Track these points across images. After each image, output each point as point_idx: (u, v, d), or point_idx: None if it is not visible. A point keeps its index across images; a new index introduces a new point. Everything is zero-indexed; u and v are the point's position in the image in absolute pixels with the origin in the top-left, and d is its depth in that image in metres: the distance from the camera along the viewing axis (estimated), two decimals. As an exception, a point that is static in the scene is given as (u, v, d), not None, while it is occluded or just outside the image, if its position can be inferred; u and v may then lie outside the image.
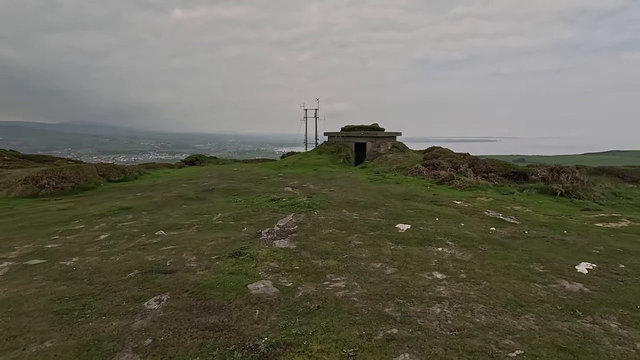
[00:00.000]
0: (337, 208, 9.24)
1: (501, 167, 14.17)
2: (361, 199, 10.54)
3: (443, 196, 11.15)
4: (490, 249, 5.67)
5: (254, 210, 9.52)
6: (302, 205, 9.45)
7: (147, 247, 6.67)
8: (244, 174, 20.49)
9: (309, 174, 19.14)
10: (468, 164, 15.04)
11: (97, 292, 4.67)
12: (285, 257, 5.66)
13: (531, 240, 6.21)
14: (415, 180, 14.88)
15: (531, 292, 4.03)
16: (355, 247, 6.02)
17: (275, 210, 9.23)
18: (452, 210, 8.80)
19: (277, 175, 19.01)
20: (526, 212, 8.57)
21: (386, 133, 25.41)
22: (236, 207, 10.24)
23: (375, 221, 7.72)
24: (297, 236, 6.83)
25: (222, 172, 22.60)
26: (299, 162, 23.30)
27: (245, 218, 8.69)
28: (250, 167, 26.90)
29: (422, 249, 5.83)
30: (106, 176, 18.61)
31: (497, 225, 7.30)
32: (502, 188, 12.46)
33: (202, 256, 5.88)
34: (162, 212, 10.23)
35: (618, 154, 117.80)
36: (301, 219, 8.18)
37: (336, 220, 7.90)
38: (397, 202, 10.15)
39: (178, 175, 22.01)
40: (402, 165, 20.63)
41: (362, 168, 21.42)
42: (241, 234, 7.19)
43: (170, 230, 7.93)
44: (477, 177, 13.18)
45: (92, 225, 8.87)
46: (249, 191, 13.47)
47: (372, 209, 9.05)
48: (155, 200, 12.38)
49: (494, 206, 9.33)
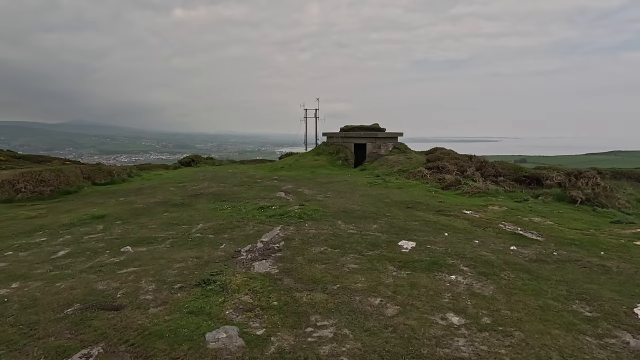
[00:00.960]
0: (332, 219, 8.19)
1: (511, 170, 13.09)
2: (359, 208, 9.49)
3: (450, 204, 10.08)
4: (516, 278, 4.60)
5: (238, 221, 8.48)
6: (293, 216, 8.40)
7: (104, 268, 5.64)
8: (237, 177, 19.46)
9: (305, 177, 18.09)
10: (475, 167, 13.96)
11: (16, 339, 3.63)
12: (263, 286, 4.61)
13: (563, 265, 5.13)
14: (419, 184, 13.80)
15: (584, 352, 2.97)
16: (349, 273, 4.96)
17: (262, 222, 8.18)
18: (462, 223, 7.74)
19: (271, 178, 17.97)
20: (548, 225, 7.50)
21: (387, 133, 24.33)
22: (220, 216, 9.21)
23: (374, 237, 6.66)
24: (282, 256, 5.78)
25: (215, 174, 21.56)
26: (296, 163, 22.25)
27: (227, 230, 7.65)
28: (246, 168, 25.85)
29: (431, 276, 4.77)
30: (91, 179, 17.59)
31: (517, 243, 6.22)
32: (514, 194, 11.38)
33: (164, 284, 4.84)
34: (139, 221, 9.20)
35: (620, 154, 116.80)
36: (289, 232, 7.13)
37: (329, 235, 6.85)
38: (399, 211, 9.09)
39: (170, 178, 20.98)
40: (404, 167, 19.56)
41: (362, 170, 20.36)
42: (217, 252, 6.15)
43: (140, 245, 6.90)
44: (486, 182, 12.11)
45: (55, 238, 7.84)
46: (238, 197, 12.43)
47: (371, 221, 7.99)
48: (135, 206, 11.35)
49: (509, 217, 8.26)
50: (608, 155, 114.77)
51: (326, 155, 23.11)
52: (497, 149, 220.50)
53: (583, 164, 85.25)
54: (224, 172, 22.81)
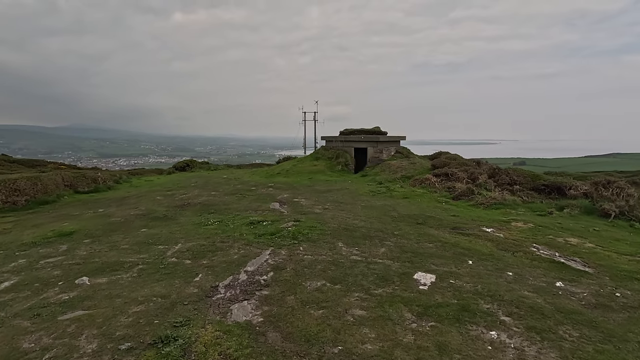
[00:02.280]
0: (331, 239, 7.00)
1: (528, 178, 11.91)
2: (362, 224, 8.30)
3: (466, 218, 8.89)
4: (582, 339, 3.40)
5: (223, 240, 7.30)
6: (286, 235, 7.20)
7: (45, 311, 4.46)
8: (231, 183, 18.28)
9: (303, 184, 16.91)
10: (488, 175, 12.78)
11: None
12: (240, 348, 3.43)
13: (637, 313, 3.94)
14: (427, 194, 12.62)
15: None
16: (354, 325, 3.78)
17: (250, 242, 6.99)
18: (486, 245, 6.55)
19: (266, 185, 16.79)
20: (590, 249, 6.30)
21: (389, 137, 23.11)
22: (204, 233, 8.03)
23: (383, 266, 5.47)
24: (269, 295, 4.60)
25: (208, 181, 20.40)
26: (293, 169, 21.06)
27: (207, 254, 6.47)
28: (241, 174, 24.69)
29: (463, 332, 3.59)
30: (73, 187, 16.40)
31: (562, 276, 5.04)
32: (534, 205, 10.20)
33: (109, 342, 3.66)
34: (111, 239, 8.02)
35: (619, 156, 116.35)
36: (280, 259, 5.95)
37: (328, 262, 5.66)
38: (409, 228, 7.90)
39: (160, 184, 19.79)
40: (408, 173, 18.39)
41: (363, 176, 19.18)
42: (190, 287, 4.96)
43: (101, 274, 5.72)
44: (502, 191, 10.93)
45: (7, 263, 6.65)
46: (228, 208, 11.26)
47: (377, 242, 6.81)
48: (112, 220, 10.17)
49: (540, 237, 7.06)
50: (607, 158, 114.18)
51: (325, 160, 21.93)
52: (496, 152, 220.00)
53: (583, 166, 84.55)
54: (217, 178, 21.64)
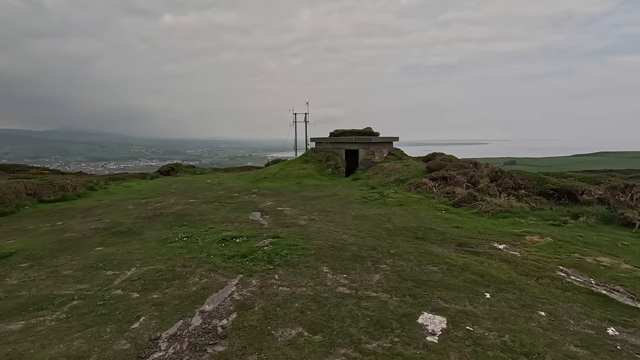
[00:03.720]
0: (315, 261, 5.79)
1: (534, 182, 10.83)
2: (353, 240, 7.10)
3: (471, 230, 7.74)
4: None
5: (184, 264, 6.05)
6: (260, 258, 5.97)
7: None
8: (213, 189, 16.99)
9: (290, 190, 15.68)
10: (490, 178, 11.68)
11: None
12: None
13: None
14: (423, 199, 11.47)
15: None
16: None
17: (216, 267, 5.75)
18: (501, 268, 5.38)
19: (250, 191, 15.52)
20: (629, 272, 5.14)
21: (381, 138, 21.98)
22: (166, 254, 6.77)
23: (378, 303, 4.27)
24: (225, 353, 3.37)
25: (190, 186, 19.08)
26: (281, 173, 19.81)
27: (161, 285, 5.22)
28: (227, 178, 23.36)
29: None
30: (38, 195, 14.96)
31: (611, 318, 3.88)
32: (544, 213, 9.10)
33: None
34: (55, 262, 6.72)
35: (606, 155, 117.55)
36: (249, 292, 4.72)
37: (309, 298, 4.45)
38: (407, 245, 6.72)
39: (137, 191, 18.38)
40: (402, 176, 17.29)
41: (354, 180, 18.02)
42: (120, 341, 3.71)
43: (19, 316, 4.44)
44: (509, 197, 9.82)
45: None
46: (203, 219, 10.00)
47: (370, 265, 5.61)
48: (67, 236, 8.85)
49: (563, 255, 5.92)
50: (595, 157, 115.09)
51: (314, 163, 20.71)
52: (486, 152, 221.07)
53: (572, 165, 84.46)
54: (200, 184, 20.33)
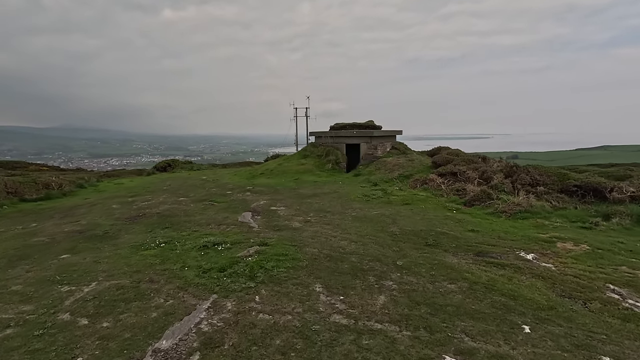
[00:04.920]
0: (306, 277, 4.82)
1: (554, 177, 9.79)
2: (353, 247, 6.12)
3: (490, 235, 6.74)
4: None
5: (152, 279, 5.11)
6: (241, 272, 5.00)
7: None
8: (207, 186, 16.04)
9: (287, 187, 14.70)
10: (504, 174, 10.64)
11: None
12: None
13: None
14: (431, 197, 10.46)
15: None
16: None
17: (187, 284, 4.79)
18: (536, 287, 4.38)
19: (244, 188, 14.55)
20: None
21: (384, 132, 20.90)
22: (136, 264, 5.83)
23: (383, 341, 3.30)
24: None
25: (184, 183, 18.15)
26: (279, 168, 18.82)
27: (118, 307, 4.28)
28: (223, 174, 22.40)
29: None
30: (19, 194, 14.07)
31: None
32: (569, 213, 8.08)
33: None
34: (8, 274, 5.82)
35: (609, 149, 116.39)
36: (221, 321, 3.76)
37: (294, 332, 3.48)
38: (416, 253, 5.73)
39: (128, 188, 17.44)
40: (406, 172, 16.26)
41: (356, 176, 17.01)
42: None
43: None
44: (528, 195, 8.78)
45: None
46: (188, 220, 9.06)
47: (373, 281, 4.64)
48: (34, 240, 7.94)
49: (609, 269, 4.90)
50: (598, 150, 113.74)
51: (314, 158, 19.70)
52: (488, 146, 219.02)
53: (575, 159, 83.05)
54: (195, 180, 19.39)
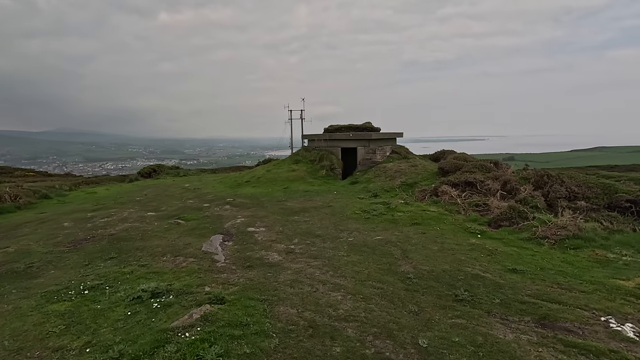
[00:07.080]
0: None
1: (597, 189, 7.89)
2: (349, 305, 4.21)
3: (540, 279, 4.84)
4: None
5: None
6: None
7: None
8: (184, 197, 14.09)
9: (274, 197, 12.75)
10: (533, 185, 8.74)
11: None
12: None
13: None
14: (445, 215, 8.52)
15: None
16: None
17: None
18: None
19: (225, 200, 12.58)
20: None
21: (383, 134, 18.95)
22: (25, 334, 3.91)
23: None
24: None
25: (161, 192, 16.20)
26: (267, 175, 16.85)
27: None
28: (210, 180, 20.43)
29: None
30: (-38, 208, 12.07)
31: None
32: (629, 238, 6.18)
33: None
34: None
35: (604, 150, 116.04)
36: None
37: None
38: (445, 320, 3.83)
39: (97, 199, 15.42)
40: (410, 179, 14.36)
41: (352, 184, 15.08)
42: None
43: None
44: (575, 214, 6.87)
45: None
46: (143, 247, 7.15)
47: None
48: None
49: None
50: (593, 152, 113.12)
51: (306, 164, 17.75)
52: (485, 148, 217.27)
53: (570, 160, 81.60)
54: (176, 188, 17.44)
